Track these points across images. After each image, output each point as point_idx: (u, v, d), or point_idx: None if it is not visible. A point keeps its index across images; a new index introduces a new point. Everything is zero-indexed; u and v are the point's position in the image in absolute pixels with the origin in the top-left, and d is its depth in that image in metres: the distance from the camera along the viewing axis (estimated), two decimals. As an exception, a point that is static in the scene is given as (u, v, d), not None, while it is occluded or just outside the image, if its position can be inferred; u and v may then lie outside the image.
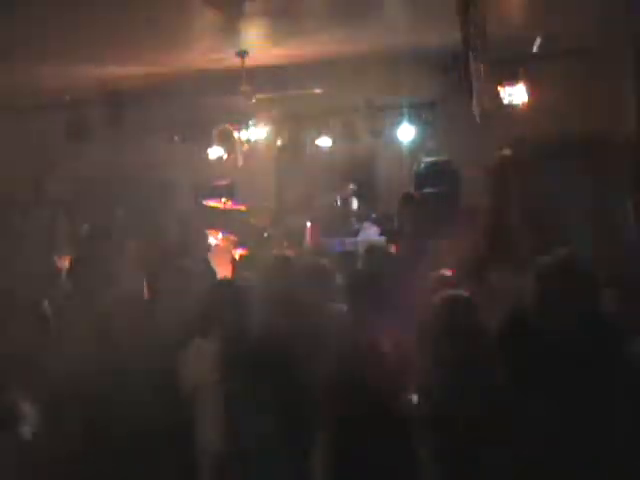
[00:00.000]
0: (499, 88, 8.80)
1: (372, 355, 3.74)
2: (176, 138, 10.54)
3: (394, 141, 10.72)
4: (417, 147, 10.77)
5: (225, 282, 5.55)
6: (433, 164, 10.38)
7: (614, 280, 4.90)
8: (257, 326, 4.61)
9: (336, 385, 3.59)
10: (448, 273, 5.35)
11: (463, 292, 4.01)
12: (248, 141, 9.79)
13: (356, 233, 9.98)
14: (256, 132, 9.81)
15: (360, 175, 11.20)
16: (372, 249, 6.71)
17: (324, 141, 10.76)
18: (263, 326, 4.70)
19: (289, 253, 6.70)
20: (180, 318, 4.98)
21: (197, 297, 5.14)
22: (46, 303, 4.99)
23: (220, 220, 9.85)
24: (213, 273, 7.13)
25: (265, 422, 3.89)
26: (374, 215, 10.57)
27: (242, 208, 10.02)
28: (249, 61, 8.42)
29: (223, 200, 9.80)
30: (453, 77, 8.56)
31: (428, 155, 10.57)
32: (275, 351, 4.07)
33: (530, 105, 8.89)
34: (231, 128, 9.76)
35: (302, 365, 4.01)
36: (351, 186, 10.29)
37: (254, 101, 8.82)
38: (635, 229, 7.95)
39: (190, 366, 4.71)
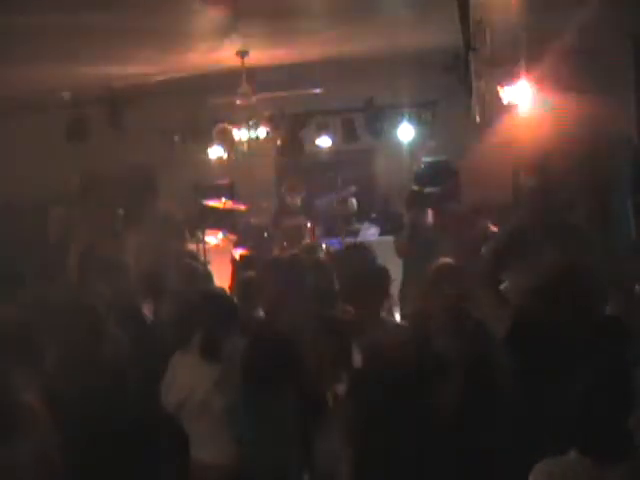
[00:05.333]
0: (499, 88, 8.79)
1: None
2: (176, 138, 10.53)
3: (394, 141, 10.72)
4: (417, 147, 10.77)
5: (206, 292, 5.41)
6: (433, 164, 10.38)
7: (615, 281, 4.91)
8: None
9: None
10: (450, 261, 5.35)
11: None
12: (248, 141, 9.78)
13: (356, 233, 9.98)
14: (256, 132, 9.81)
15: (360, 175, 11.20)
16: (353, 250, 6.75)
17: (324, 141, 10.76)
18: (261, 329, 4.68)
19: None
20: (184, 319, 4.94)
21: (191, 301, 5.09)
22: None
23: (220, 220, 9.84)
24: (209, 275, 7.13)
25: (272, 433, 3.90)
26: (374, 215, 10.57)
27: (242, 208, 10.01)
28: (249, 61, 8.41)
29: (223, 200, 9.78)
30: (453, 77, 8.58)
31: (428, 155, 10.56)
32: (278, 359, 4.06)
33: (530, 105, 8.89)
34: (231, 128, 9.76)
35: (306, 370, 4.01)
36: (351, 186, 10.28)
37: (254, 101, 8.81)
38: (636, 230, 7.95)
39: (174, 381, 4.63)
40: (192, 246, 8.94)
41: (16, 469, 3.33)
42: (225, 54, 8.28)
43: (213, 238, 9.48)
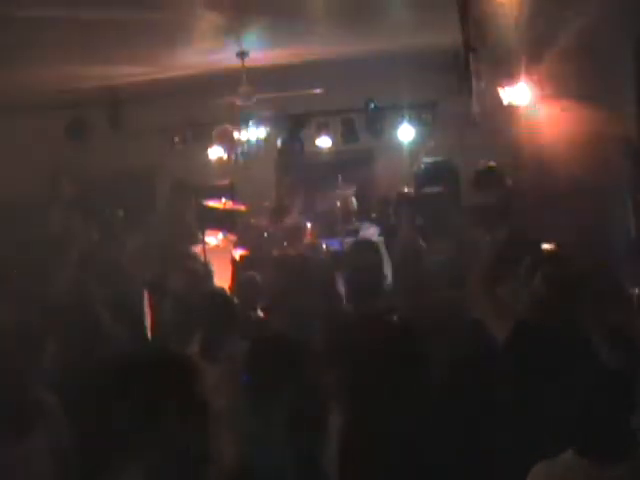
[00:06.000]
0: (499, 88, 8.79)
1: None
2: (176, 138, 10.54)
3: (394, 141, 10.72)
4: (417, 147, 10.77)
5: (206, 292, 5.38)
6: (433, 164, 10.38)
7: (613, 280, 4.90)
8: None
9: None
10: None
11: None
12: (248, 141, 9.78)
13: (356, 233, 9.97)
14: (256, 132, 9.81)
15: (360, 175, 11.20)
16: (360, 245, 6.73)
17: (324, 141, 10.76)
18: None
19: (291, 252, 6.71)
20: (185, 320, 4.93)
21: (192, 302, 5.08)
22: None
23: (220, 220, 9.84)
24: (211, 274, 7.13)
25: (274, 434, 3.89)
26: (374, 215, 10.56)
27: (242, 208, 10.01)
28: (249, 61, 8.42)
29: (223, 200, 9.78)
30: (453, 77, 8.57)
31: (428, 155, 10.56)
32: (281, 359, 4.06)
33: (530, 105, 8.89)
34: (231, 128, 9.76)
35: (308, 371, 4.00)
36: (351, 186, 10.28)
37: (254, 101, 8.81)
38: (635, 229, 7.95)
39: None
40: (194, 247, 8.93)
41: (33, 459, 3.46)
42: (225, 54, 8.28)
43: (213, 238, 9.47)
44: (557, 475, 2.93)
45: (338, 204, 10.02)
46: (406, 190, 9.57)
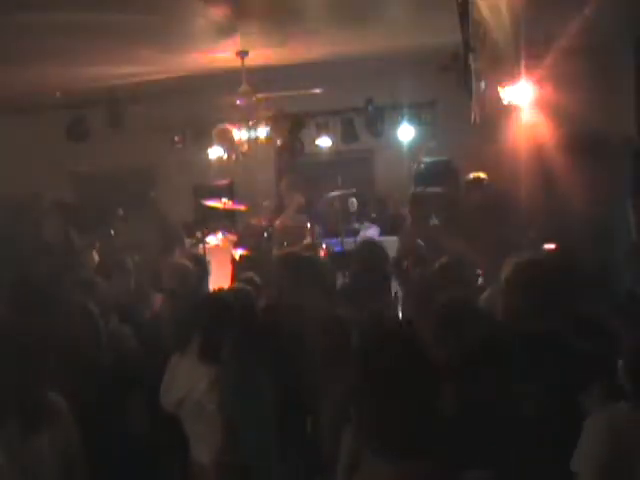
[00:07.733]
0: (499, 88, 8.79)
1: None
2: (176, 138, 10.54)
3: (394, 141, 10.72)
4: (417, 147, 10.78)
5: (211, 297, 5.35)
6: (433, 164, 10.38)
7: (614, 280, 4.91)
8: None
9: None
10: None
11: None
12: (248, 141, 9.78)
13: (356, 233, 9.97)
14: (256, 132, 9.80)
15: (360, 175, 11.20)
16: (367, 245, 6.73)
17: (324, 141, 10.76)
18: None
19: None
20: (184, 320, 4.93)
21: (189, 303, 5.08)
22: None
23: (220, 220, 9.84)
24: (206, 273, 7.13)
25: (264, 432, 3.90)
26: (374, 215, 10.56)
27: (242, 208, 10.01)
28: (249, 61, 8.41)
29: (223, 200, 9.77)
30: (453, 77, 8.56)
31: (428, 155, 10.56)
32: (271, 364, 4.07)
33: (530, 105, 8.90)
34: (231, 128, 9.75)
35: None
36: (351, 187, 10.28)
37: (254, 101, 8.81)
38: (635, 229, 7.95)
39: (172, 382, 4.62)
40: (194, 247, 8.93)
41: (42, 459, 3.48)
42: (225, 54, 8.28)
43: (213, 238, 9.47)
44: (618, 424, 2.93)
45: (338, 204, 10.01)
46: (419, 189, 9.55)
